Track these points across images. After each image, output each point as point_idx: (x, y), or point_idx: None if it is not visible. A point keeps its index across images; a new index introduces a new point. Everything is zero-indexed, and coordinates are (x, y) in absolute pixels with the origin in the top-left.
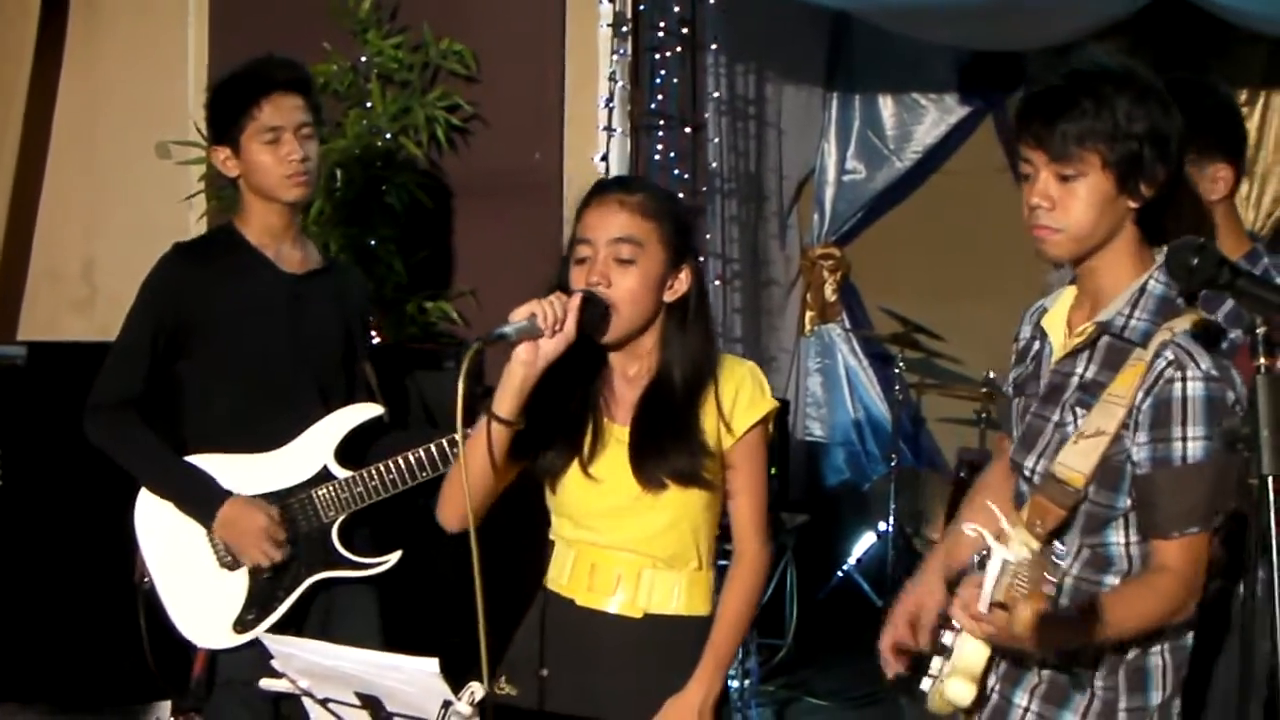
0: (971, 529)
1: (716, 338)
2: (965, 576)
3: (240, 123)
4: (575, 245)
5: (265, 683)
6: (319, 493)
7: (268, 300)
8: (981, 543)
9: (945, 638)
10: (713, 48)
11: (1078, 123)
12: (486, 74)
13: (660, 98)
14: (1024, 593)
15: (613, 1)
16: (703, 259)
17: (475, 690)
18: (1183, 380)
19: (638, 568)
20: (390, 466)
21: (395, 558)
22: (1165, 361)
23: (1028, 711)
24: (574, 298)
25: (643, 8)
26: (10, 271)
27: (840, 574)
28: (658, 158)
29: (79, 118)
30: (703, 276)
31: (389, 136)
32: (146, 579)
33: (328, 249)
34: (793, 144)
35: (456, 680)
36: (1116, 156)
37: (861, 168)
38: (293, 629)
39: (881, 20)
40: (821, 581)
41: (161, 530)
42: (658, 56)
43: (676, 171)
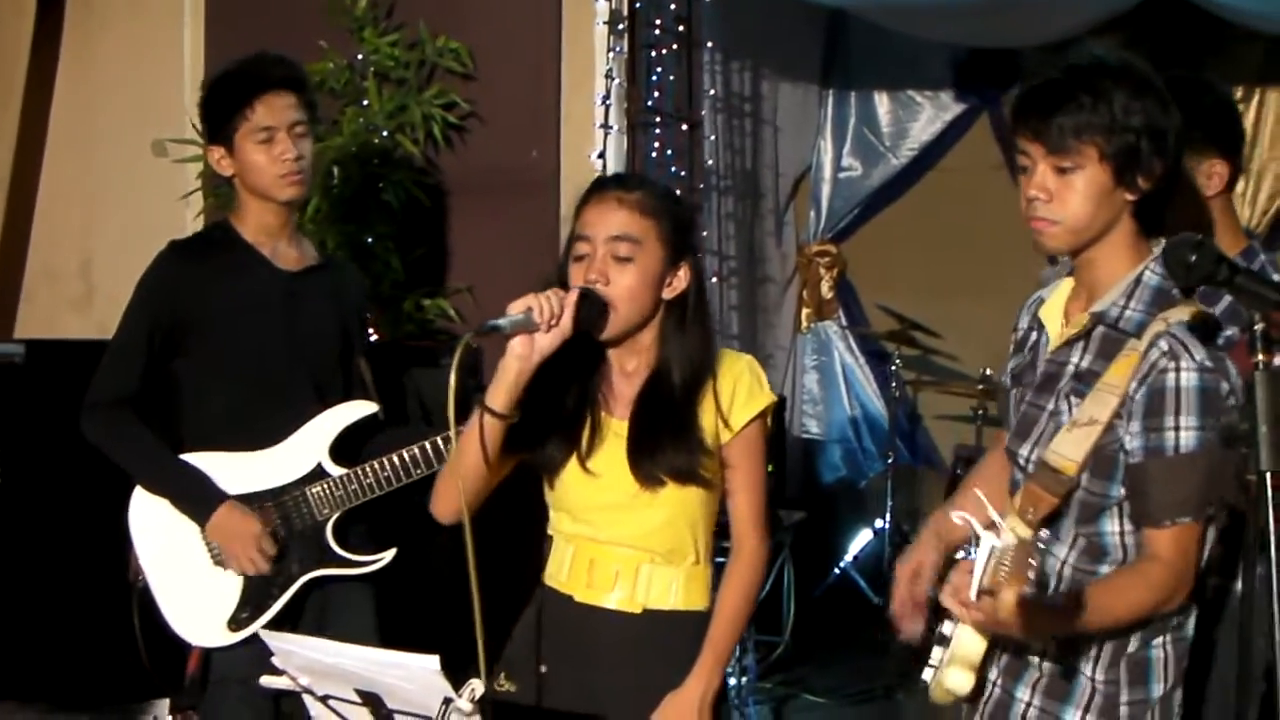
0: (960, 517)
1: (715, 334)
2: (957, 563)
3: (234, 122)
4: (574, 242)
5: (266, 680)
6: (313, 490)
7: (264, 298)
8: (981, 513)
9: (945, 627)
10: (709, 45)
11: (1075, 116)
12: (483, 72)
13: (657, 95)
14: (1005, 577)
15: None
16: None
17: (476, 687)
18: (1176, 370)
19: (636, 563)
20: (384, 464)
21: (389, 555)
22: (1159, 352)
23: (1030, 706)
24: (571, 293)
25: (639, 5)
26: (8, 269)
27: (837, 571)
28: (654, 155)
29: (76, 116)
30: (702, 273)
31: (386, 134)
32: (140, 577)
33: (324, 246)
34: (789, 141)
35: (456, 677)
36: (1114, 149)
37: (857, 165)
38: (287, 627)
39: (877, 17)
40: (818, 579)
41: (155, 529)
42: (654, 54)
43: (673, 169)
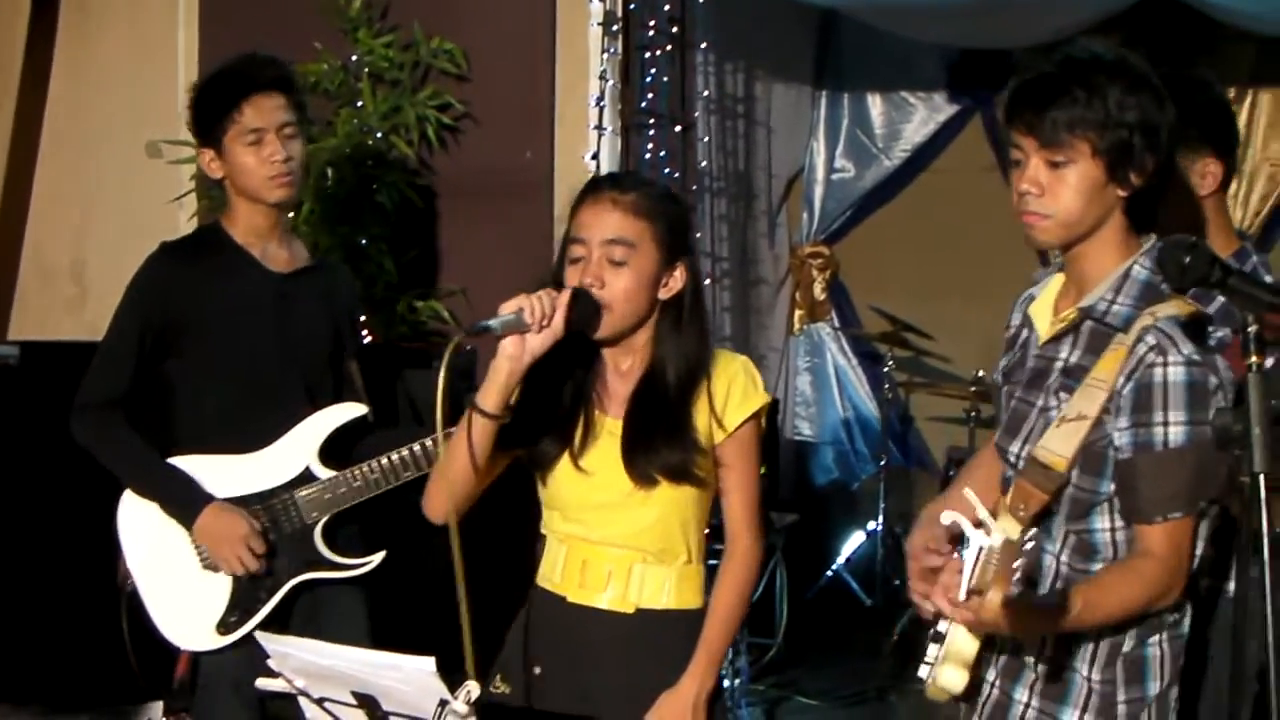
0: (949, 517)
1: (711, 334)
2: (948, 561)
3: (222, 125)
4: (569, 244)
5: (262, 682)
6: (301, 494)
7: (254, 300)
8: (971, 512)
9: (940, 625)
10: (702, 46)
11: (1069, 110)
12: (477, 73)
13: (650, 96)
14: (988, 580)
15: (603, 0)
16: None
17: (471, 689)
18: (1164, 365)
19: (628, 563)
20: (373, 467)
21: (379, 558)
22: (1146, 346)
23: (1028, 707)
24: (563, 294)
25: (633, 6)
26: (1, 270)
27: (829, 573)
28: (648, 156)
29: (70, 117)
30: (698, 273)
31: (380, 135)
32: (129, 581)
33: (317, 248)
34: (782, 142)
35: (451, 679)
36: (1106, 144)
37: (850, 166)
38: (277, 630)
39: (869, 18)
40: (811, 581)
41: (144, 532)
42: (648, 55)
43: (667, 170)
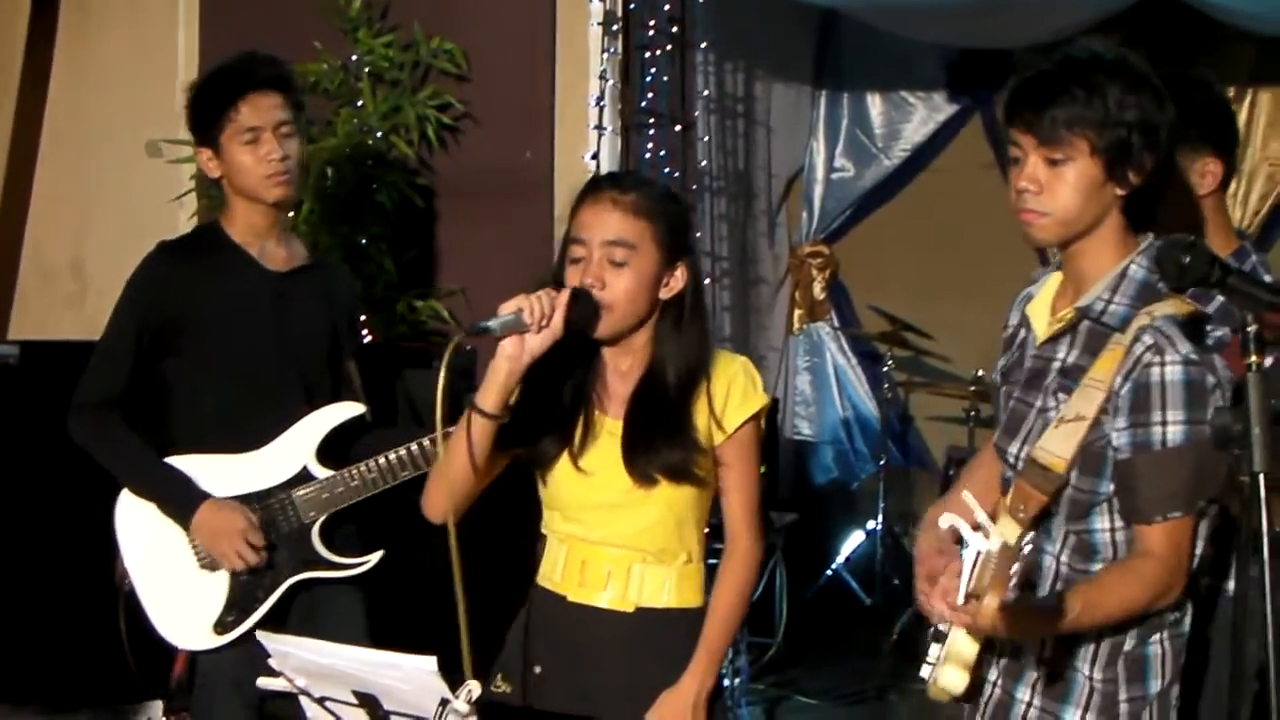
0: (947, 520)
1: (711, 334)
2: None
3: (219, 124)
4: (569, 244)
5: (263, 681)
6: (299, 493)
7: (252, 299)
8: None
9: (941, 625)
10: (702, 46)
11: (1068, 108)
12: (477, 73)
13: (650, 96)
14: (985, 585)
15: (603, 0)
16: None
17: (473, 688)
18: (1161, 364)
19: (628, 563)
20: (371, 466)
21: (376, 558)
22: (1144, 346)
23: (1030, 706)
24: (562, 294)
25: (633, 6)
26: (1, 270)
27: (829, 573)
28: (648, 156)
29: (70, 116)
30: (699, 273)
31: (380, 135)
32: (126, 580)
33: (317, 247)
34: (781, 142)
35: (452, 678)
36: (1105, 143)
37: (850, 166)
38: (275, 630)
39: (869, 18)
40: (810, 580)
41: (142, 531)
42: (648, 55)
43: (667, 170)
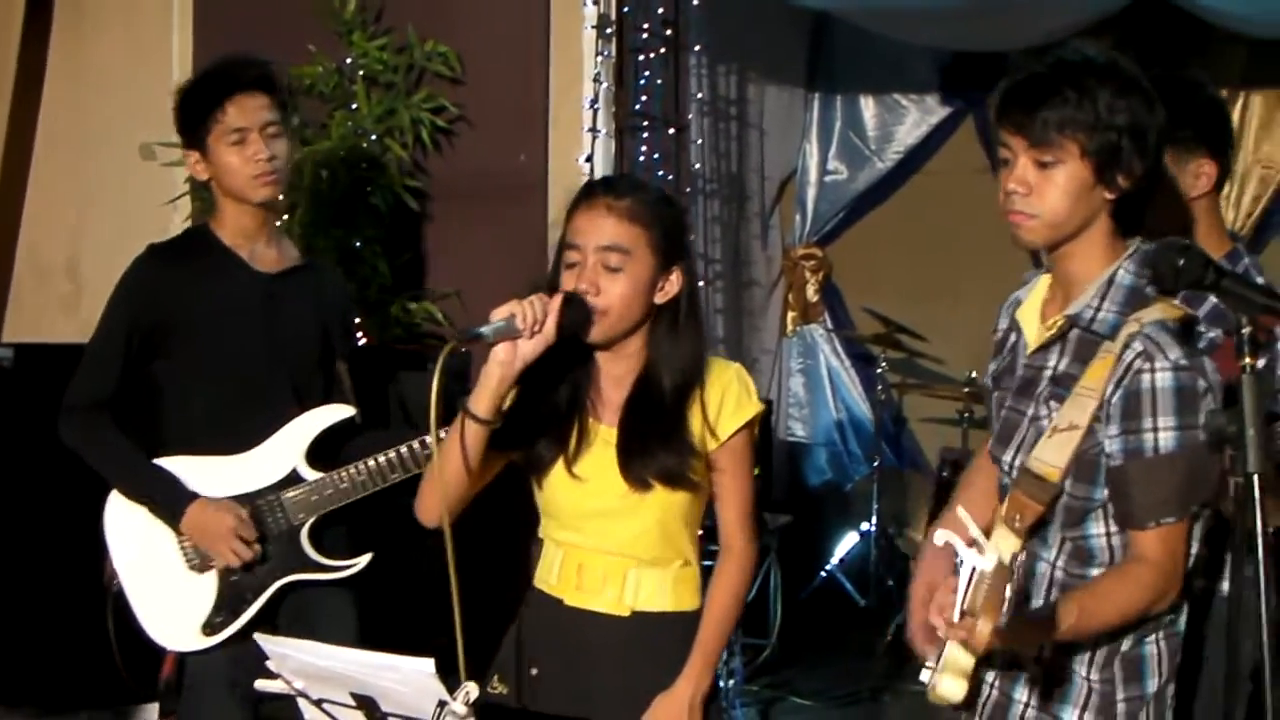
0: (943, 538)
1: (706, 340)
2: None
3: (206, 125)
4: (564, 249)
5: (261, 683)
6: (288, 495)
7: (242, 300)
8: (965, 531)
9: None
10: (695, 49)
11: (1059, 110)
12: (471, 76)
13: (644, 99)
14: (979, 606)
15: (597, 3)
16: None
17: (470, 690)
18: (1151, 371)
19: (624, 567)
20: (360, 468)
21: (365, 560)
22: (1134, 353)
23: (1027, 707)
24: (555, 299)
25: (626, 9)
26: None
27: (823, 574)
28: (641, 159)
29: (64, 119)
30: (694, 278)
31: (374, 138)
32: (115, 582)
33: (310, 250)
34: (774, 145)
35: (449, 680)
36: (1096, 146)
37: (843, 168)
38: (266, 632)
39: (862, 21)
40: (805, 582)
41: (130, 533)
42: (641, 58)
43: (660, 172)
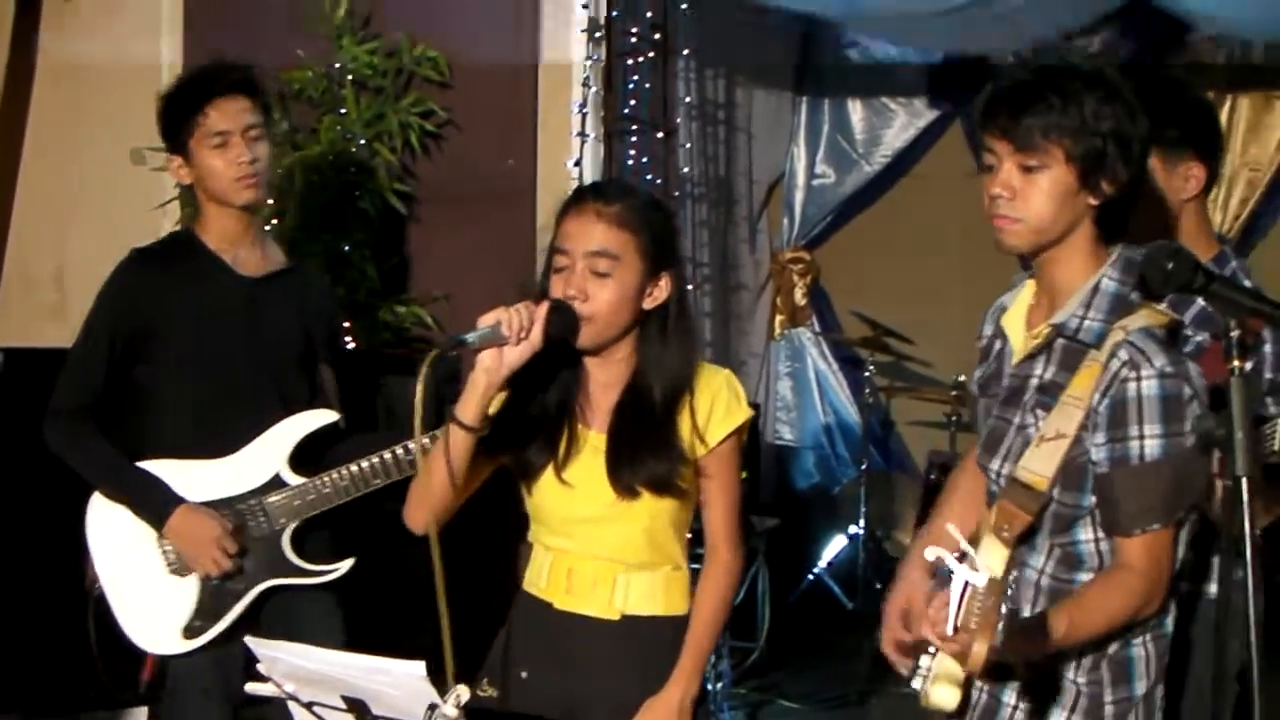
0: (933, 553)
1: (695, 346)
2: (935, 588)
3: (188, 129)
4: (553, 254)
5: (251, 686)
6: (270, 499)
7: (225, 304)
8: (954, 545)
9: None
10: (684, 53)
11: (1044, 116)
12: (460, 80)
13: (633, 103)
14: (975, 626)
15: (586, 7)
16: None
17: (461, 693)
18: (1137, 379)
19: (613, 572)
20: (343, 473)
21: (347, 565)
22: (1120, 362)
23: (1017, 710)
24: (541, 306)
25: (615, 14)
26: None
27: (811, 577)
28: (630, 163)
29: (53, 124)
30: (684, 284)
31: (363, 142)
32: (96, 585)
33: (300, 254)
34: (763, 148)
35: (439, 683)
36: (1081, 151)
37: (831, 171)
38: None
39: (850, 25)
40: (792, 585)
41: (111, 536)
42: (630, 62)
43: (649, 176)
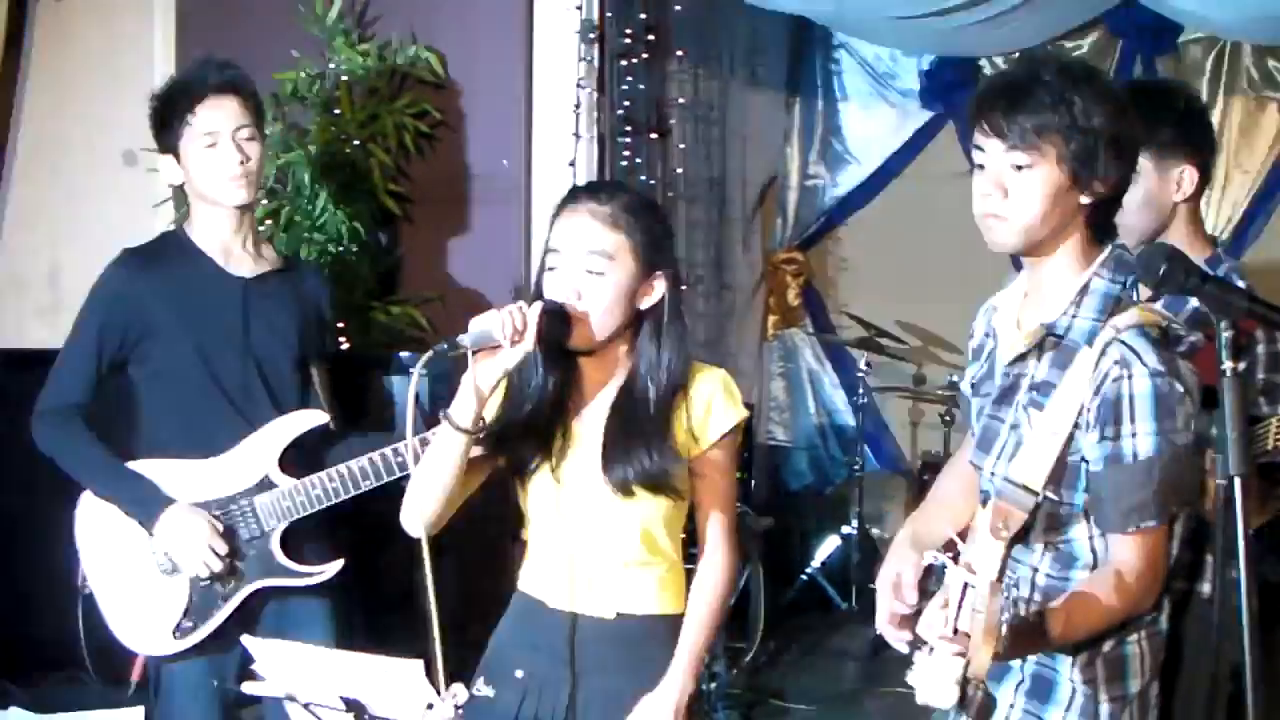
0: (930, 557)
1: (689, 346)
2: (930, 586)
3: (178, 130)
4: (548, 254)
5: (249, 686)
6: (260, 501)
7: (215, 304)
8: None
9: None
10: (678, 54)
11: (1036, 115)
12: (454, 81)
13: (627, 104)
14: (979, 628)
15: (580, 8)
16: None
17: (458, 692)
18: (1129, 378)
19: (608, 571)
20: (333, 475)
21: (337, 566)
22: (1111, 361)
23: (1013, 708)
24: (534, 308)
25: (610, 15)
26: None
27: (805, 577)
28: (624, 164)
29: (46, 124)
30: (678, 284)
31: (357, 143)
32: (86, 585)
33: (297, 254)
34: (756, 149)
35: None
36: (1072, 150)
37: (824, 173)
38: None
39: (843, 27)
40: (786, 585)
41: (101, 536)
42: (624, 63)
43: (643, 177)
